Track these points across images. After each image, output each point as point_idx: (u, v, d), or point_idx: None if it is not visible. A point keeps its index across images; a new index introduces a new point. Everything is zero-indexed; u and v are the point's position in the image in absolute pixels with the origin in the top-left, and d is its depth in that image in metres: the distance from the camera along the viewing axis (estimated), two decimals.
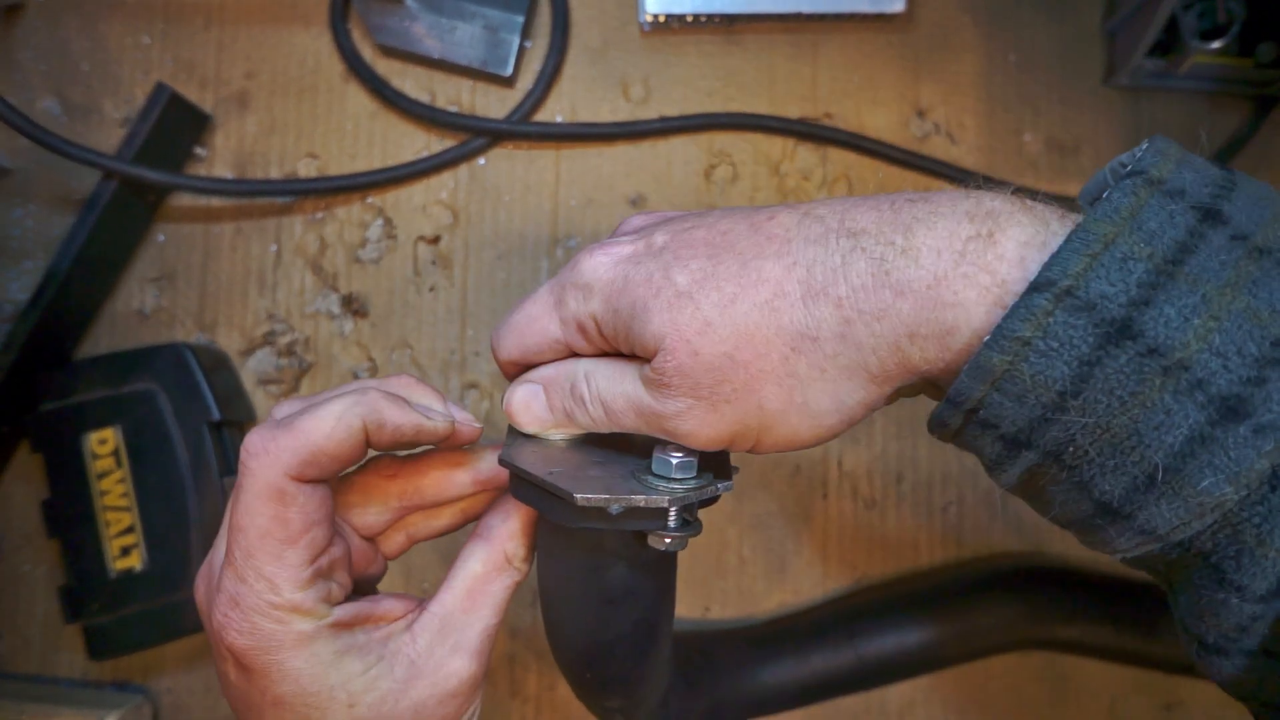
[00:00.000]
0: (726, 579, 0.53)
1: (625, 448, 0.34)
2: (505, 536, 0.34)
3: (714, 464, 0.32)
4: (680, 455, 0.30)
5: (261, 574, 0.29)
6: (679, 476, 0.30)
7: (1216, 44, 0.50)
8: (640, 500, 0.29)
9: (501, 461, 0.32)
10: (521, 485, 0.32)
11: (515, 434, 0.34)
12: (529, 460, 0.32)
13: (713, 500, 0.32)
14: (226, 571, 0.30)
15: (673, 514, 0.30)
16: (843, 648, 0.48)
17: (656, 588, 0.34)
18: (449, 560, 0.53)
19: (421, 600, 0.34)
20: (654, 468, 0.30)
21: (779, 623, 0.51)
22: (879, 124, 0.55)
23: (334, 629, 0.31)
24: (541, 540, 0.34)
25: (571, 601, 0.34)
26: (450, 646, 0.33)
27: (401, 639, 0.32)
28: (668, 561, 0.34)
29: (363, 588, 0.36)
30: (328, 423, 0.30)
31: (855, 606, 0.50)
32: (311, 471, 0.30)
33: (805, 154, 0.55)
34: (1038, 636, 0.49)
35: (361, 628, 0.32)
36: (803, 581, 0.53)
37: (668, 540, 0.30)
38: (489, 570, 0.34)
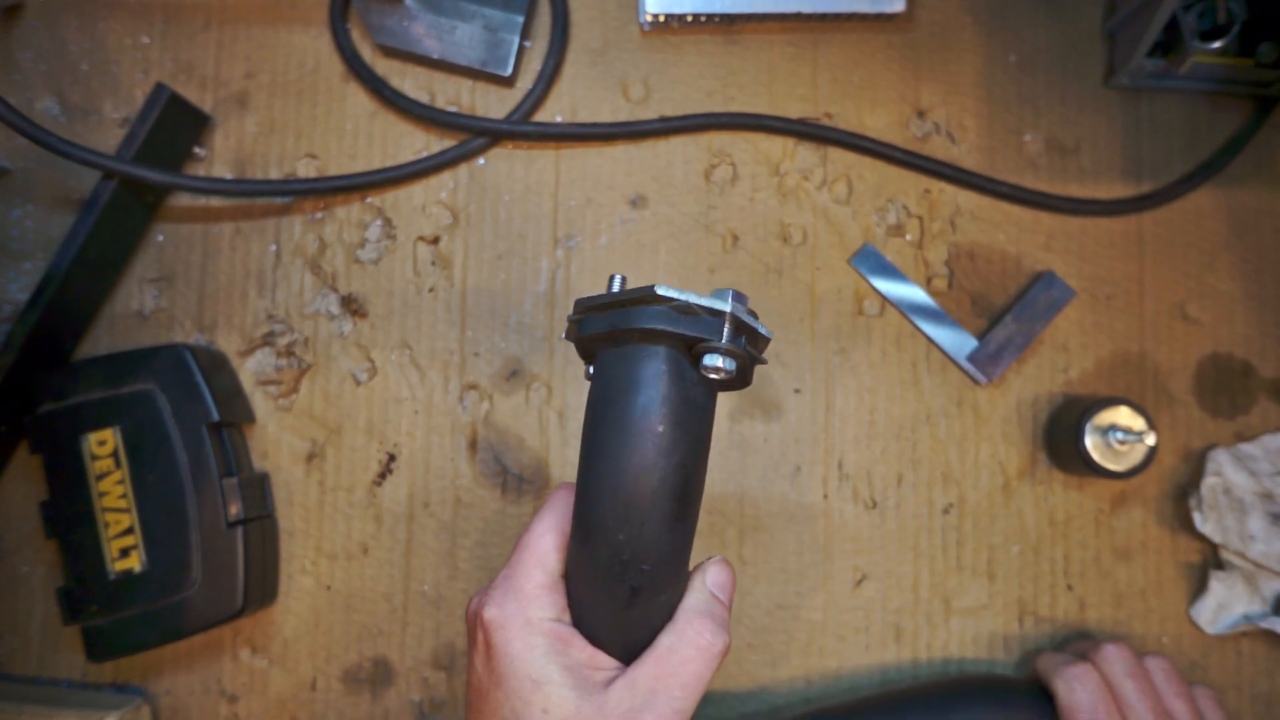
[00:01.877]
0: None
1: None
2: (703, 624, 0.36)
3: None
4: (734, 291, 0.34)
5: (525, 564, 0.37)
6: (734, 301, 0.33)
7: (1217, 44, 0.50)
8: (704, 301, 0.33)
9: (578, 302, 0.36)
10: (591, 319, 0.35)
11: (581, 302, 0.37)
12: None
13: (762, 347, 0.35)
14: (489, 585, 0.38)
15: (727, 327, 0.33)
16: None
17: (698, 431, 0.35)
18: (447, 563, 0.53)
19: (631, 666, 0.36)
20: (713, 293, 0.34)
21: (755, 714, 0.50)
22: (879, 124, 0.55)
23: (553, 634, 0.36)
24: (598, 374, 0.36)
25: (618, 434, 0.34)
26: (635, 708, 0.34)
27: (598, 685, 0.35)
28: (710, 406, 0.35)
29: None
30: None
31: (826, 709, 0.49)
32: None
33: (805, 154, 0.55)
34: None
35: (577, 653, 0.36)
36: (803, 583, 0.53)
37: (721, 359, 0.33)
38: (681, 648, 0.35)
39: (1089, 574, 0.53)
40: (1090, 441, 0.49)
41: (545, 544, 0.37)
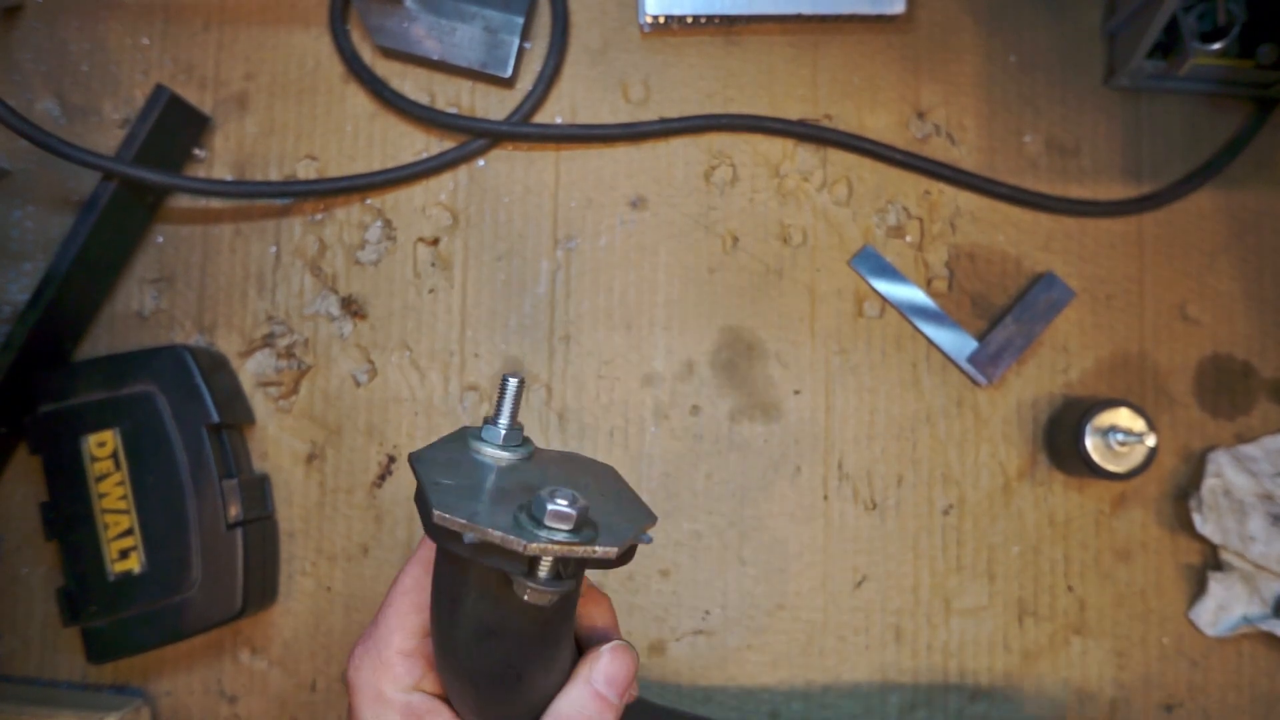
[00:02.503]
0: (727, 581, 0.53)
1: (563, 481, 0.30)
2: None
3: (622, 513, 0.30)
4: (564, 504, 0.27)
5: (386, 624, 0.33)
6: (551, 525, 0.26)
7: (1217, 45, 0.50)
8: (497, 537, 0.26)
9: (410, 457, 0.30)
10: (418, 486, 0.30)
11: (459, 436, 0.33)
12: (439, 465, 0.29)
13: (599, 564, 0.28)
14: (371, 623, 0.34)
15: (544, 565, 0.27)
16: None
17: (525, 636, 0.30)
18: None
19: None
20: (533, 508, 0.27)
21: None
22: (879, 125, 0.55)
23: (404, 712, 0.32)
24: (438, 553, 0.32)
25: (451, 622, 0.31)
26: None
27: None
28: (557, 610, 0.30)
29: None
30: None
31: None
32: None
33: (805, 155, 0.55)
34: None
35: None
36: (803, 584, 0.53)
37: (528, 591, 0.27)
38: None
39: (1089, 575, 0.53)
40: (1090, 442, 0.49)
41: (409, 602, 0.33)
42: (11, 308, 0.53)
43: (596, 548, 0.27)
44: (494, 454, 0.32)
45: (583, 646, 0.35)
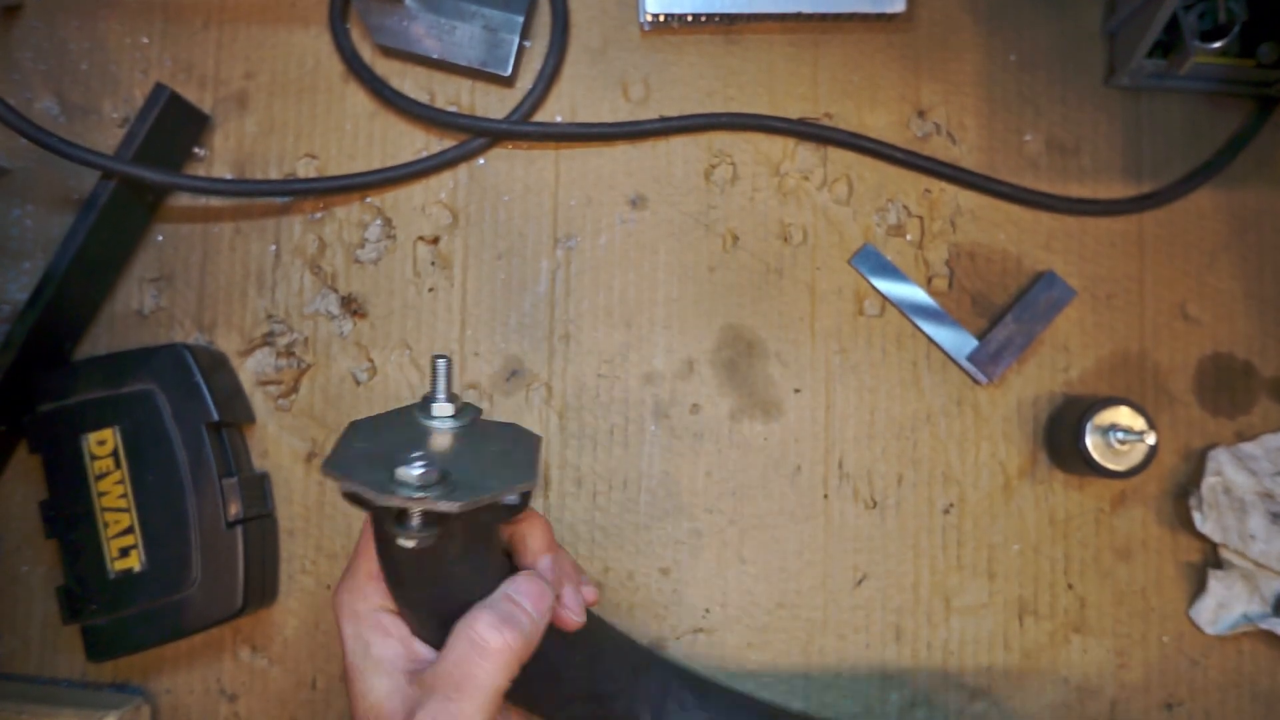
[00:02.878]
0: (727, 580, 0.53)
1: (473, 450, 0.36)
2: (478, 618, 0.36)
3: (492, 480, 0.34)
4: (411, 468, 0.31)
5: (361, 555, 0.39)
6: (401, 481, 0.31)
7: (1217, 44, 0.50)
8: (355, 485, 0.31)
9: (348, 426, 0.36)
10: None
11: (410, 408, 0.38)
12: (368, 430, 0.35)
13: (502, 511, 0.36)
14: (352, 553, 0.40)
15: (414, 516, 0.31)
16: None
17: (454, 563, 0.35)
18: None
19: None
20: (395, 468, 0.31)
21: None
22: (879, 124, 0.55)
23: (374, 625, 0.38)
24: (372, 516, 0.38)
25: (393, 568, 0.37)
26: (417, 707, 0.35)
27: (405, 675, 0.36)
28: (423, 554, 0.34)
29: None
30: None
31: None
32: None
33: (805, 154, 0.55)
34: None
35: (393, 644, 0.37)
36: (803, 582, 0.53)
37: (398, 536, 0.32)
38: (456, 645, 0.35)
39: (1089, 573, 0.53)
40: (1091, 441, 0.49)
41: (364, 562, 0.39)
42: (11, 307, 0.53)
43: (440, 503, 0.31)
44: (428, 424, 0.37)
45: (517, 567, 0.40)
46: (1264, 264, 0.55)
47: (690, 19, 0.53)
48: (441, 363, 0.38)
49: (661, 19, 0.53)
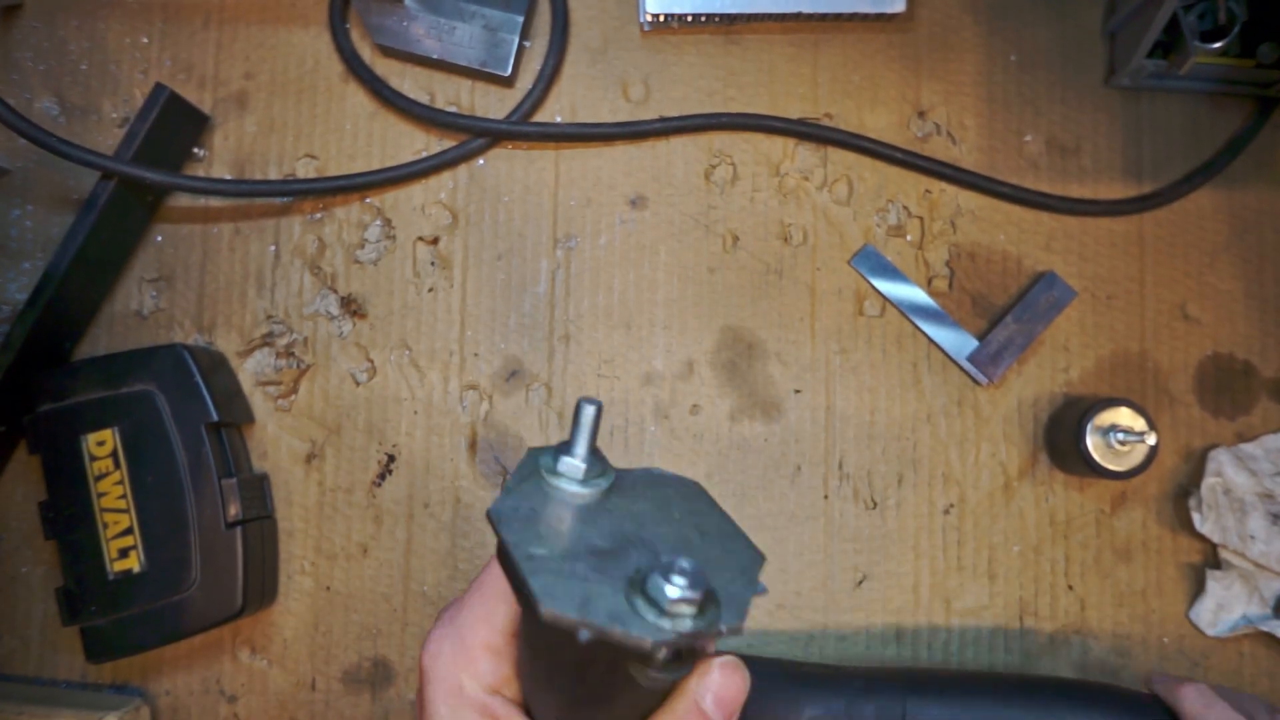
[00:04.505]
0: None
1: (642, 533, 0.28)
2: None
3: (732, 573, 0.26)
4: (684, 584, 0.23)
5: (471, 614, 0.31)
6: (674, 614, 0.23)
7: (1217, 45, 0.50)
8: (617, 633, 0.23)
9: (489, 514, 0.27)
10: (503, 555, 0.26)
11: (535, 454, 0.29)
12: (522, 521, 0.26)
13: (716, 637, 0.25)
14: (456, 603, 0.32)
15: (662, 653, 0.23)
16: (891, 706, 0.45)
17: (646, 698, 0.28)
18: (447, 563, 0.52)
19: None
20: (647, 588, 0.24)
21: (827, 668, 0.49)
22: (879, 124, 0.55)
23: (483, 710, 0.30)
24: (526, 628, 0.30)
25: (549, 680, 0.29)
26: None
27: None
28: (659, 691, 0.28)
29: None
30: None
31: (913, 673, 0.48)
32: None
33: (805, 154, 0.55)
34: None
35: None
36: (803, 583, 0.53)
37: (646, 679, 0.25)
38: None
39: (1089, 574, 0.53)
40: (1091, 441, 0.49)
41: (495, 591, 0.31)
42: (10, 307, 0.53)
43: (723, 627, 0.24)
44: (574, 491, 0.29)
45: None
46: (1264, 264, 0.55)
47: (690, 19, 0.53)
48: (589, 410, 0.29)
49: (661, 19, 0.53)
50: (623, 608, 0.23)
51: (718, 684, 0.28)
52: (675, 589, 0.23)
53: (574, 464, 0.29)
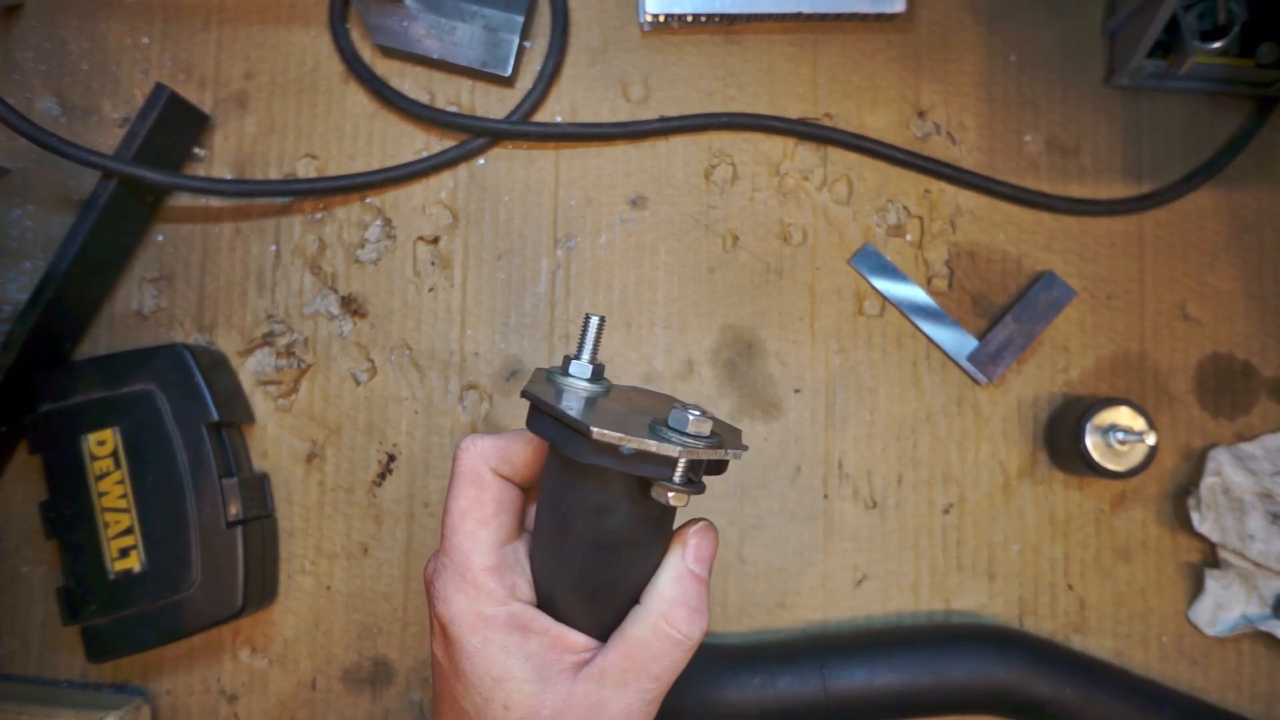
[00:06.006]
0: (727, 580, 0.53)
1: (645, 407, 0.34)
2: (676, 614, 0.34)
3: (728, 433, 0.33)
4: (697, 414, 0.31)
5: (460, 549, 0.34)
6: (693, 432, 0.31)
7: (1217, 45, 0.50)
8: (653, 445, 0.30)
9: (524, 394, 0.33)
10: (538, 418, 0.33)
11: (542, 372, 0.36)
12: (551, 395, 0.32)
13: (720, 467, 0.33)
14: (438, 551, 0.35)
15: (680, 465, 0.30)
16: (810, 676, 0.47)
17: (652, 541, 0.34)
18: None
19: (601, 646, 0.35)
20: (670, 420, 0.31)
21: (750, 645, 0.50)
22: (879, 124, 0.55)
23: (509, 624, 0.34)
24: (548, 476, 0.35)
25: (570, 540, 0.33)
26: (603, 700, 0.33)
27: (565, 672, 0.34)
28: (668, 517, 0.34)
29: None
30: (523, 434, 0.36)
31: (829, 638, 0.50)
32: (505, 468, 0.35)
33: (805, 154, 0.55)
34: (1014, 701, 0.48)
35: (538, 639, 0.34)
36: (803, 582, 0.53)
37: (670, 493, 0.31)
38: (652, 641, 0.33)
39: (1089, 574, 0.53)
40: (1090, 441, 0.49)
41: (473, 521, 0.35)
42: (11, 307, 0.53)
43: (729, 450, 0.31)
44: (584, 386, 0.34)
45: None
46: (1264, 264, 0.55)
47: (690, 19, 0.53)
48: (594, 321, 0.35)
49: (661, 19, 0.53)
50: (651, 434, 0.30)
51: (696, 544, 0.35)
52: (691, 415, 0.31)
53: (583, 365, 0.35)
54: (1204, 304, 0.54)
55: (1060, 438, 0.52)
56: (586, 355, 0.35)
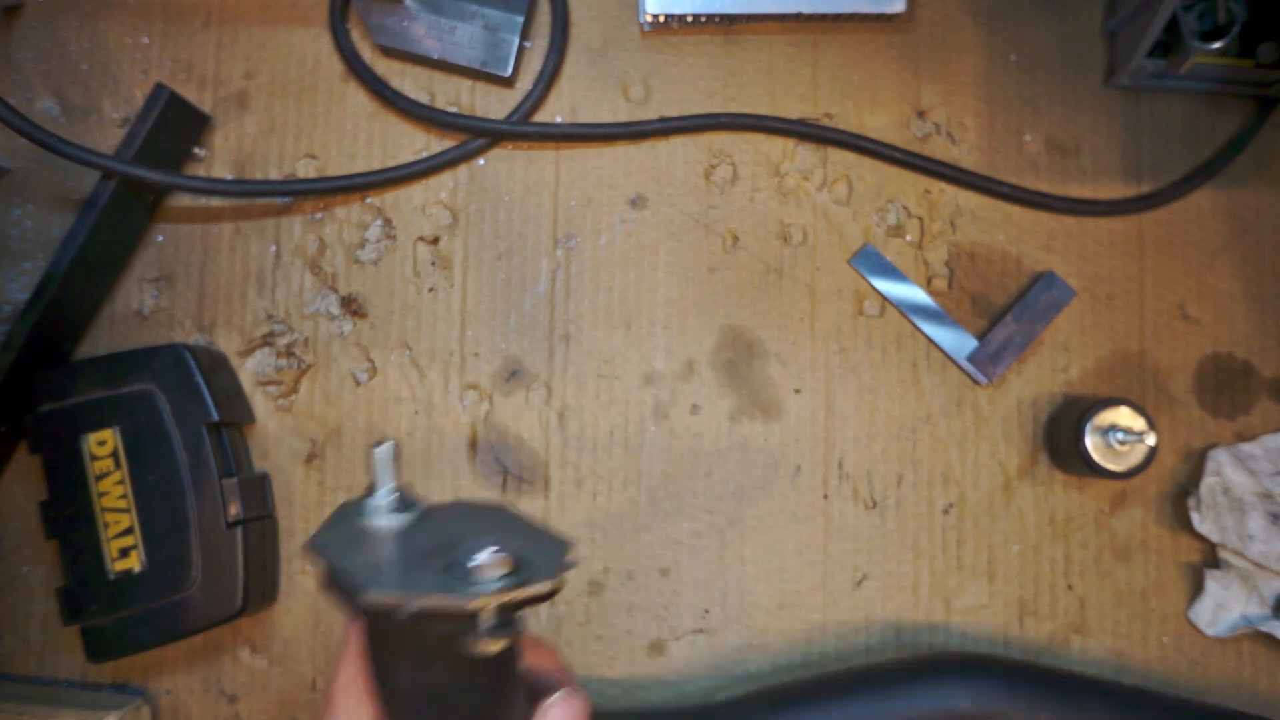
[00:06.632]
0: (727, 580, 0.53)
1: (457, 537, 0.30)
2: None
3: (541, 554, 0.29)
4: (493, 549, 0.27)
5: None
6: (489, 576, 0.27)
7: (1217, 45, 0.50)
8: (439, 601, 0.25)
9: (308, 545, 0.29)
10: (326, 573, 0.28)
11: (346, 507, 0.32)
12: (339, 546, 0.29)
13: (536, 600, 0.28)
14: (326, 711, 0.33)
15: (485, 616, 0.26)
16: None
17: (491, 685, 0.30)
18: None
19: None
20: (460, 561, 0.27)
21: (700, 707, 0.49)
22: (879, 124, 0.55)
23: None
24: (369, 631, 0.31)
25: (388, 698, 0.31)
26: None
27: None
28: (505, 658, 0.30)
29: None
30: None
31: (783, 689, 0.48)
32: None
33: (805, 154, 0.55)
34: None
35: None
36: (803, 583, 0.53)
37: (477, 644, 0.27)
38: None
39: (1089, 574, 0.53)
40: (1090, 441, 0.49)
41: (352, 696, 0.32)
42: (11, 307, 0.53)
43: (533, 586, 0.27)
44: (385, 523, 0.32)
45: (535, 696, 0.33)
46: (1264, 264, 0.55)
47: (690, 19, 0.53)
48: (381, 452, 0.32)
49: (661, 19, 0.53)
50: (440, 583, 0.26)
51: (558, 715, 0.31)
52: (483, 555, 0.26)
53: (378, 500, 0.32)
54: (1204, 304, 0.54)
55: (1060, 438, 0.52)
56: (385, 488, 0.32)
